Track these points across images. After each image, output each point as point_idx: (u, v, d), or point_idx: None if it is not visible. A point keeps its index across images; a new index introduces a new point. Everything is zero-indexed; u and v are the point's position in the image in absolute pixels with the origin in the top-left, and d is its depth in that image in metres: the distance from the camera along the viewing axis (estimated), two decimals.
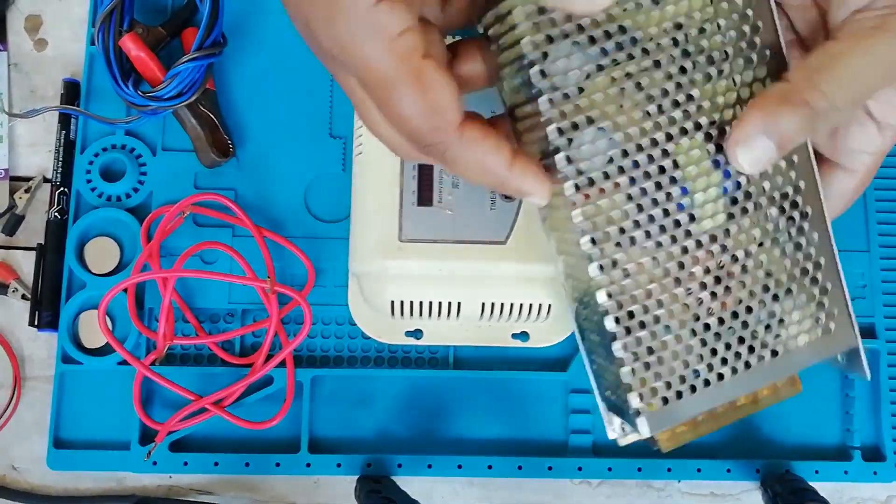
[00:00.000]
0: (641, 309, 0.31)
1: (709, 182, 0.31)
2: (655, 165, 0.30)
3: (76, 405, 0.50)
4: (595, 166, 0.30)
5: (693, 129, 0.31)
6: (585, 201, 0.30)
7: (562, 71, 0.29)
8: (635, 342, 0.31)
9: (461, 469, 0.50)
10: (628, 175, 0.30)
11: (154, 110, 0.50)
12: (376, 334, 0.50)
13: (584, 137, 0.30)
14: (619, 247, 0.30)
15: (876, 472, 0.51)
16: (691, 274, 0.31)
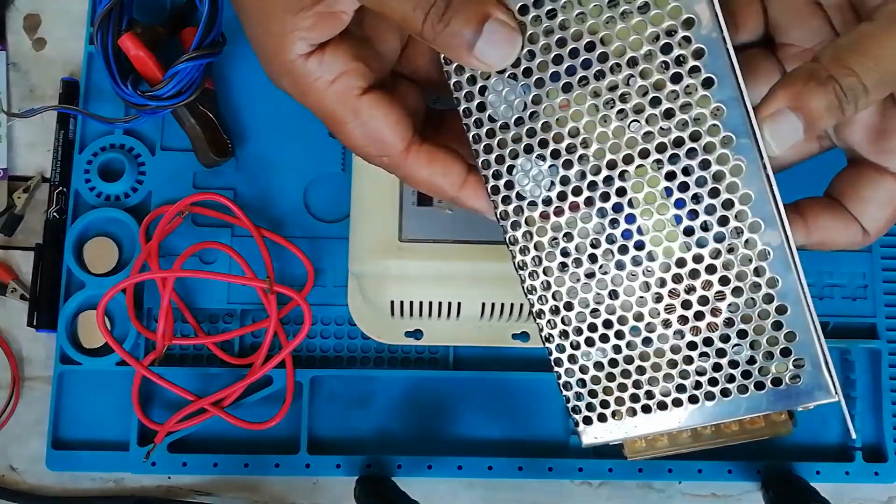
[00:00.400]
0: (586, 337, 0.31)
1: (659, 210, 0.30)
2: (600, 192, 0.30)
3: (75, 406, 0.50)
4: (531, 192, 0.31)
5: (642, 157, 0.29)
6: (541, 220, 0.31)
7: (497, 105, 0.31)
8: (574, 366, 0.32)
9: (461, 470, 0.50)
10: (578, 209, 0.30)
11: (153, 110, 0.50)
12: (376, 334, 0.50)
13: (519, 165, 0.31)
14: (561, 270, 0.31)
15: (877, 473, 0.51)
16: (643, 300, 0.31)
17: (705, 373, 0.31)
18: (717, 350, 0.30)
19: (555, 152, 0.30)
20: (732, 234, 0.29)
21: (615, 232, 0.30)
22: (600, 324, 0.31)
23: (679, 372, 0.31)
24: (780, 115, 0.28)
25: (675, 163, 0.29)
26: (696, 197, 0.29)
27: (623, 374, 0.31)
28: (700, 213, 0.29)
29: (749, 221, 0.29)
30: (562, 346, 0.32)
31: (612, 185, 0.30)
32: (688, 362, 0.31)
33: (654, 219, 0.30)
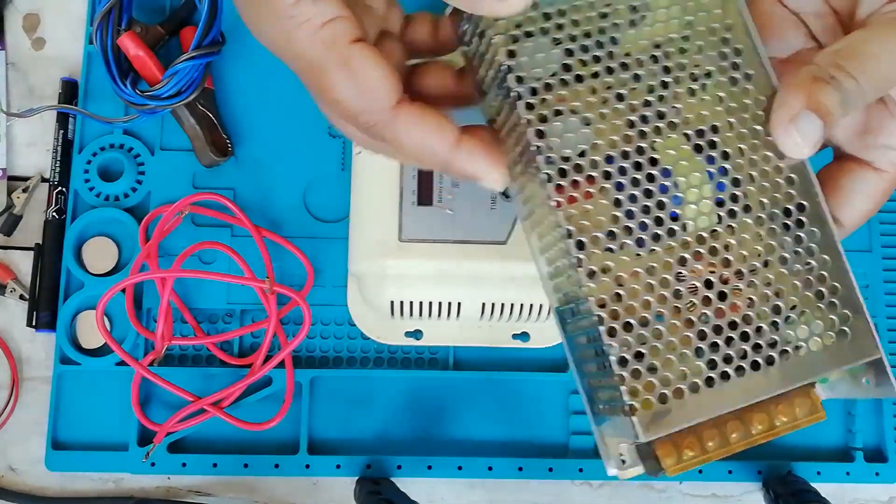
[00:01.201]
0: (634, 316, 0.30)
1: (696, 184, 0.30)
2: (636, 164, 0.30)
3: (74, 406, 0.50)
4: (575, 163, 0.30)
5: (679, 135, 0.30)
6: (570, 204, 0.30)
7: (536, 66, 0.30)
8: (629, 346, 0.30)
9: (461, 470, 0.50)
10: (613, 177, 0.30)
11: (152, 109, 0.50)
12: (376, 335, 0.50)
13: (562, 133, 0.30)
14: (608, 252, 0.30)
15: (878, 473, 0.51)
16: (680, 277, 0.30)
17: (752, 345, 0.30)
18: (765, 319, 0.30)
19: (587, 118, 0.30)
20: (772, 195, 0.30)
21: (655, 207, 0.30)
22: (628, 307, 0.30)
23: (726, 341, 0.30)
24: (802, 117, 0.29)
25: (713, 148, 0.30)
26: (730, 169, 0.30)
27: (670, 358, 0.30)
28: (730, 187, 0.30)
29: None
30: (613, 328, 0.30)
31: (652, 161, 0.30)
32: (733, 339, 0.30)
33: (691, 187, 0.30)
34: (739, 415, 0.31)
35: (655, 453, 0.30)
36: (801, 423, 0.32)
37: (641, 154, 0.30)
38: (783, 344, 0.30)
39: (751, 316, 0.30)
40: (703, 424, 0.31)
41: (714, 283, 0.30)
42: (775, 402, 0.31)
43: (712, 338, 0.30)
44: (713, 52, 0.31)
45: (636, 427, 0.29)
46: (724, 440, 0.31)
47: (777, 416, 0.32)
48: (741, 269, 0.30)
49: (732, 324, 0.30)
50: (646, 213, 0.30)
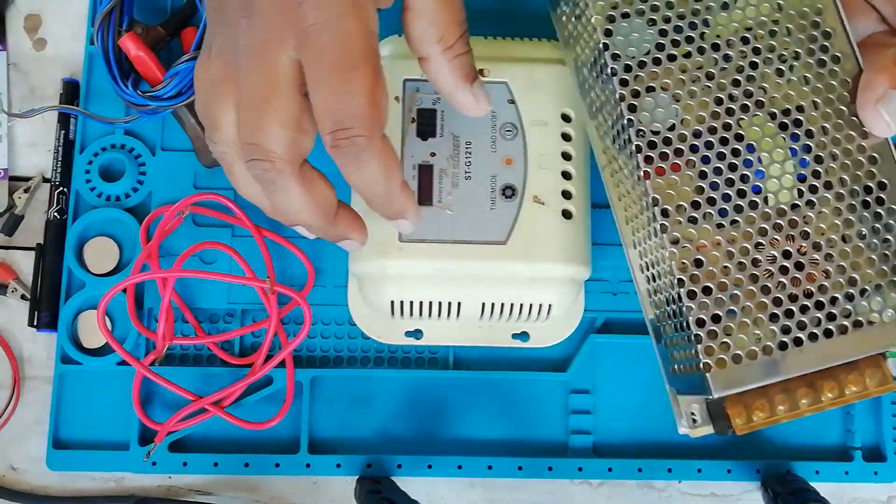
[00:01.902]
0: (713, 280, 0.31)
1: (780, 160, 0.32)
2: (723, 139, 0.32)
3: (75, 405, 0.50)
4: (664, 137, 0.32)
5: (764, 114, 0.32)
6: (658, 175, 0.32)
7: (631, 45, 0.32)
8: (707, 308, 0.31)
9: (461, 469, 0.50)
10: (699, 151, 0.32)
11: (153, 110, 0.50)
12: (376, 335, 0.50)
13: (653, 108, 0.32)
14: (691, 222, 0.32)
15: (877, 473, 0.51)
16: (759, 247, 0.31)
17: (826, 314, 0.31)
18: (822, 292, 0.31)
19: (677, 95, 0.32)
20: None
21: (739, 180, 0.31)
22: (708, 272, 0.31)
23: (787, 315, 0.31)
24: (886, 98, 0.30)
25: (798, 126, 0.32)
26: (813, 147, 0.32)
27: (745, 322, 0.31)
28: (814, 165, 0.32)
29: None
30: (692, 291, 0.31)
31: (738, 137, 0.32)
32: (793, 311, 0.31)
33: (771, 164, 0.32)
34: (809, 381, 0.32)
35: (726, 412, 0.32)
36: (872, 392, 0.33)
37: (728, 130, 0.32)
38: (856, 315, 0.31)
39: (826, 286, 0.31)
40: (774, 388, 0.32)
41: (792, 254, 0.31)
42: (846, 371, 0.32)
43: (787, 305, 0.31)
44: (802, 35, 0.32)
45: (710, 384, 0.30)
46: (794, 404, 0.32)
47: (847, 385, 0.32)
48: (819, 242, 0.31)
49: (808, 293, 0.31)
50: (729, 185, 0.32)
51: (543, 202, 0.44)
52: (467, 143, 0.45)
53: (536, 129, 0.45)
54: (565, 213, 0.44)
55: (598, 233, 0.47)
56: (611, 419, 0.51)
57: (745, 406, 0.32)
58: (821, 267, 0.31)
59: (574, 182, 0.45)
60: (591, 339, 0.51)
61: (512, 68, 0.45)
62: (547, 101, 0.45)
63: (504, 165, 0.44)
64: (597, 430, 0.51)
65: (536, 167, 0.44)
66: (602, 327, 0.51)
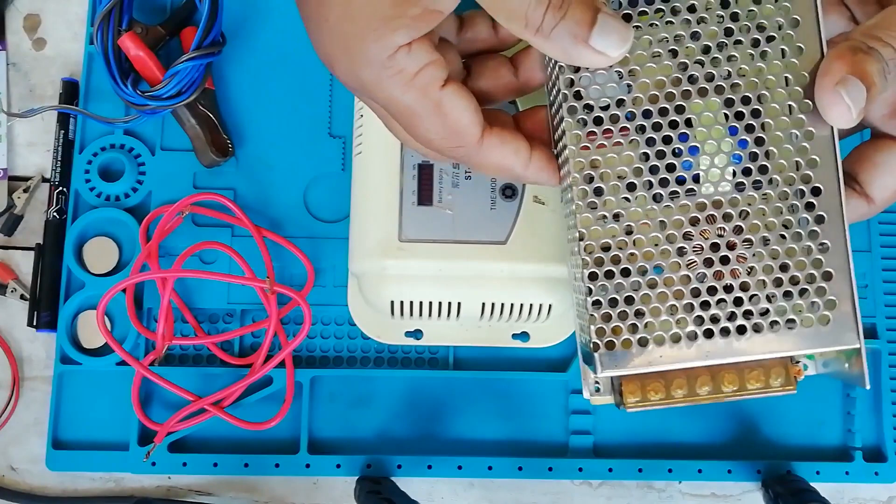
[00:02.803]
0: (624, 255, 0.31)
1: (721, 146, 0.31)
2: (672, 122, 0.31)
3: (75, 406, 0.50)
4: (612, 113, 0.31)
5: (714, 93, 0.31)
6: (598, 149, 0.31)
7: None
8: (610, 280, 0.31)
9: (461, 470, 0.50)
10: (645, 131, 0.31)
11: (153, 110, 0.50)
12: (376, 335, 0.50)
13: (604, 81, 0.31)
14: (615, 193, 0.31)
15: (877, 473, 0.51)
16: (688, 236, 0.31)
17: (727, 311, 0.31)
18: (743, 289, 0.31)
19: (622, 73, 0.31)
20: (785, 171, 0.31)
21: (676, 161, 0.31)
22: (630, 255, 0.31)
23: (703, 307, 0.31)
24: (847, 82, 0.30)
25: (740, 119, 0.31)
26: (759, 140, 0.31)
27: (649, 305, 0.31)
28: (758, 156, 0.31)
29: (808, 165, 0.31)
30: (594, 273, 0.31)
31: (666, 115, 0.31)
32: (709, 303, 0.31)
33: (717, 153, 0.31)
34: (712, 372, 0.33)
35: (622, 388, 0.33)
36: (773, 391, 0.33)
37: (680, 113, 0.31)
38: (772, 315, 0.31)
39: (748, 283, 0.31)
40: (674, 372, 0.32)
41: (720, 247, 0.31)
42: (750, 366, 0.33)
43: (704, 297, 0.31)
44: (766, 20, 0.31)
45: (596, 363, 0.31)
46: (692, 391, 0.33)
47: (749, 380, 0.33)
48: (750, 238, 0.31)
49: (728, 287, 0.31)
50: (669, 170, 0.31)
51: (543, 202, 0.44)
52: None
53: None
54: None
55: None
56: (611, 419, 0.51)
57: (640, 386, 0.33)
58: (747, 263, 0.31)
59: None
60: None
61: None
62: None
63: None
64: (597, 431, 0.51)
65: None
66: None
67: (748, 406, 0.52)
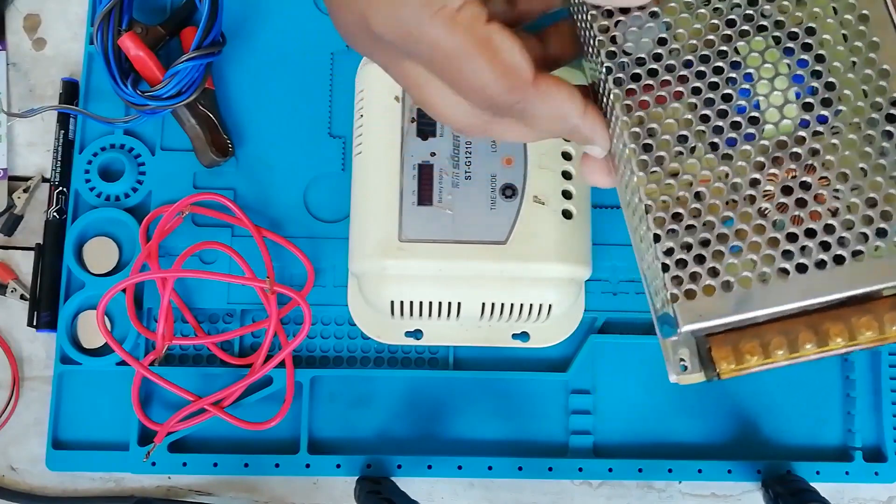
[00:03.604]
0: (690, 211, 0.29)
1: (782, 87, 0.29)
2: (717, 68, 0.30)
3: (75, 406, 0.50)
4: (649, 67, 0.30)
5: (757, 33, 0.30)
6: (642, 108, 0.30)
7: None
8: (677, 237, 0.28)
9: (461, 470, 0.50)
10: (689, 81, 0.29)
11: (153, 110, 0.50)
12: (376, 335, 0.50)
13: (638, 36, 0.30)
14: (679, 155, 0.29)
15: (877, 473, 0.51)
16: (755, 182, 0.29)
17: (818, 243, 0.28)
18: (828, 231, 0.28)
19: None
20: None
21: (731, 108, 0.29)
22: (693, 210, 0.29)
23: (787, 243, 0.28)
24: None
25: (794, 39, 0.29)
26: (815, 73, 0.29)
27: (726, 247, 0.28)
28: (819, 90, 0.29)
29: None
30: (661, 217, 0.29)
31: (726, 57, 0.29)
32: (808, 247, 0.28)
33: (771, 92, 0.29)
34: (814, 325, 0.29)
35: (711, 355, 0.29)
36: (891, 337, 0.29)
37: (723, 58, 0.29)
38: (855, 246, 0.28)
39: (833, 225, 0.28)
40: (770, 331, 0.29)
41: (793, 190, 0.28)
42: (857, 313, 0.29)
43: (784, 245, 0.28)
44: None
45: (677, 315, 0.28)
46: (794, 347, 0.29)
47: (860, 328, 0.29)
48: (826, 176, 0.28)
49: (810, 231, 0.28)
50: (722, 117, 0.29)
51: (543, 202, 0.44)
52: (467, 142, 0.45)
53: None
54: (565, 213, 0.44)
55: (598, 233, 0.47)
56: (611, 419, 0.51)
57: (733, 349, 0.29)
58: (827, 203, 0.28)
59: (574, 182, 0.45)
60: (591, 339, 0.51)
61: None
62: None
63: (504, 165, 0.44)
64: (597, 431, 0.51)
65: (537, 167, 0.44)
66: (602, 327, 0.51)
67: (748, 406, 0.52)
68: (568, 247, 0.44)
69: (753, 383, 0.52)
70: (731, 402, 0.52)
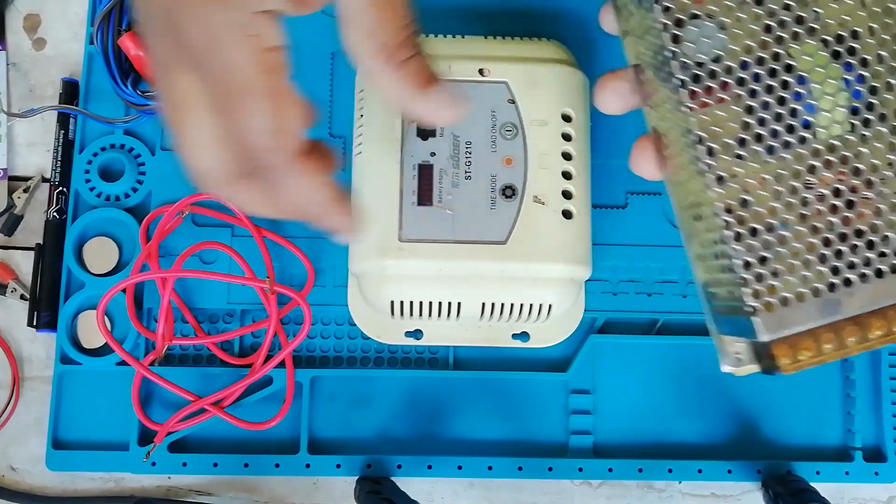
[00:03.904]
0: (760, 222, 0.30)
1: (832, 92, 0.30)
2: (771, 70, 0.30)
3: (75, 406, 0.50)
4: (710, 69, 0.30)
5: (816, 41, 0.30)
6: (703, 108, 0.30)
7: None
8: (753, 251, 0.30)
9: (461, 470, 0.50)
10: (746, 83, 0.30)
11: (153, 110, 0.50)
12: (376, 335, 0.50)
13: (697, 37, 0.30)
14: (737, 158, 0.30)
15: (877, 473, 0.51)
16: (809, 185, 0.30)
17: (877, 252, 0.30)
18: (874, 230, 0.30)
19: None
20: None
21: (786, 113, 0.30)
22: (754, 213, 0.30)
23: (852, 253, 0.30)
24: None
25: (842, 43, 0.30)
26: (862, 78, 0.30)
27: (788, 259, 0.30)
28: (866, 95, 0.30)
29: None
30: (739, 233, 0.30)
31: (764, 64, 0.30)
32: (858, 246, 0.30)
33: (819, 96, 0.30)
34: (857, 320, 0.31)
35: (772, 352, 0.31)
36: None
37: (777, 60, 0.30)
38: None
39: (878, 224, 0.30)
40: (820, 327, 0.31)
41: (842, 192, 0.30)
42: (894, 309, 0.31)
43: (837, 245, 0.30)
44: None
45: (757, 327, 0.30)
46: (841, 343, 0.31)
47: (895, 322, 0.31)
48: (871, 179, 0.30)
49: (858, 232, 0.30)
50: (777, 120, 0.30)
51: (543, 202, 0.44)
52: (467, 143, 0.45)
53: (537, 129, 0.45)
54: (566, 213, 0.44)
55: (598, 233, 0.46)
56: (611, 419, 0.51)
57: (790, 346, 0.31)
58: (873, 204, 0.30)
59: (574, 182, 0.45)
60: (591, 339, 0.51)
61: (512, 68, 0.45)
62: (547, 100, 0.45)
63: (504, 165, 0.44)
64: (597, 431, 0.51)
65: (537, 167, 0.44)
66: (602, 327, 0.51)
67: (748, 406, 0.52)
68: (568, 247, 0.44)
69: (753, 383, 0.52)
70: (731, 402, 0.52)
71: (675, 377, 0.51)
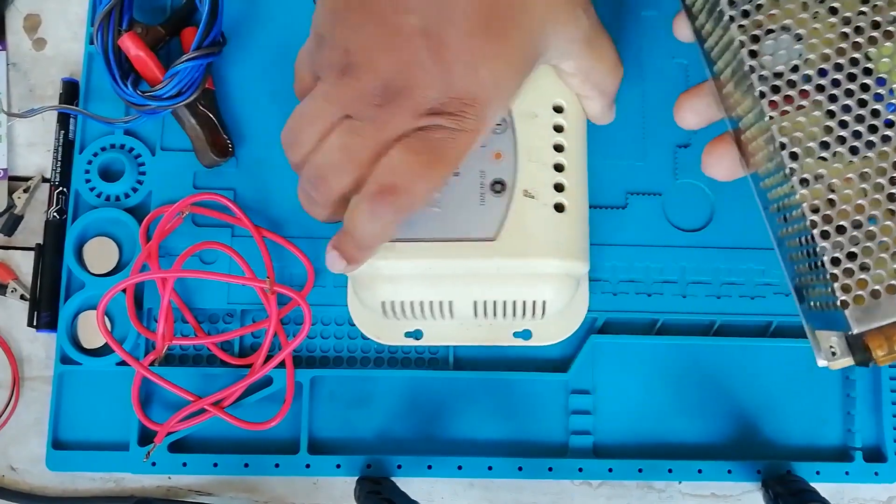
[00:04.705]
0: (846, 219, 0.31)
1: None
2: (850, 75, 0.31)
3: (75, 406, 0.50)
4: (788, 78, 0.32)
5: (884, 39, 0.31)
6: (783, 116, 0.32)
7: None
8: (841, 248, 0.31)
9: (461, 470, 0.50)
10: (825, 89, 0.31)
11: (153, 110, 0.50)
12: (376, 335, 0.50)
13: (774, 50, 0.32)
14: (821, 160, 0.31)
15: (877, 473, 0.51)
16: (894, 181, 0.31)
17: None
18: None
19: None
20: None
21: (867, 113, 0.31)
22: (840, 211, 0.31)
23: None
24: None
25: None
26: None
27: (879, 254, 0.31)
28: None
29: None
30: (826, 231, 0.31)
31: (857, 64, 0.31)
32: None
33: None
34: None
35: (866, 344, 0.32)
36: None
37: (855, 65, 0.31)
38: None
39: None
40: None
41: None
42: None
43: None
44: None
45: (850, 321, 0.30)
46: None
47: None
48: None
49: None
50: (859, 121, 0.31)
51: (534, 196, 0.43)
52: None
53: (526, 122, 0.44)
54: (558, 207, 0.43)
55: (598, 233, 0.46)
56: (611, 419, 0.51)
57: (885, 337, 0.32)
58: None
59: (567, 174, 0.43)
60: (591, 339, 0.51)
61: None
62: (537, 92, 0.44)
63: (493, 160, 0.43)
64: (597, 431, 0.51)
65: (527, 160, 0.43)
66: (602, 327, 0.51)
67: (748, 406, 0.52)
68: (561, 241, 0.43)
69: (753, 383, 0.52)
70: (731, 402, 0.52)
71: (675, 377, 0.51)
